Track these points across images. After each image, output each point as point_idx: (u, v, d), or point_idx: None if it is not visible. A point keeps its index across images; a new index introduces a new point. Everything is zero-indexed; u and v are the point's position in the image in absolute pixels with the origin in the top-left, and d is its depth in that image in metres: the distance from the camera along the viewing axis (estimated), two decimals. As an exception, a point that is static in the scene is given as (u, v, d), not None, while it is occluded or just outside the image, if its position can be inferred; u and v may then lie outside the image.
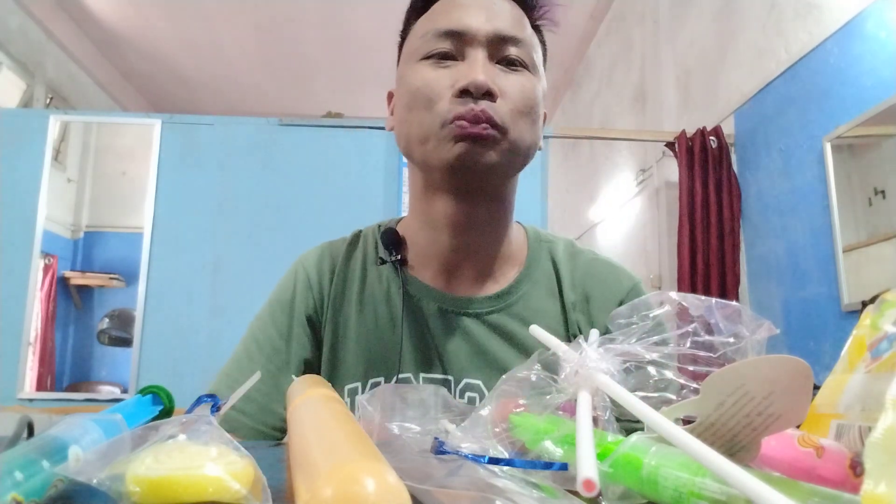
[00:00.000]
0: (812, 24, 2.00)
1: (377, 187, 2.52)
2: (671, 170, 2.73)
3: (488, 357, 0.63)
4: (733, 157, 2.46)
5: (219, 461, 0.23)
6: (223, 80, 4.95)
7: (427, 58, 0.61)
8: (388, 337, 0.63)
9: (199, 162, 2.60)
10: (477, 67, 0.58)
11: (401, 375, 0.62)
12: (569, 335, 0.65)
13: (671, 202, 2.77)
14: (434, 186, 0.64)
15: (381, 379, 0.61)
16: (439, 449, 0.27)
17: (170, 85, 5.02)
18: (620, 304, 0.66)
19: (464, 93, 0.57)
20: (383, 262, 0.67)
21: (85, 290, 2.88)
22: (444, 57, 0.60)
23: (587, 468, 0.18)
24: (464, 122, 0.57)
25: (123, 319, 2.70)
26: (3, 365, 2.37)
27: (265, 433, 0.62)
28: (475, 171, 0.59)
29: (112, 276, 2.83)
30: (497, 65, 0.60)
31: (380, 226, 0.72)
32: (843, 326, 1.83)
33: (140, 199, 2.59)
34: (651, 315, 0.29)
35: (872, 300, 0.32)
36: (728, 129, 2.47)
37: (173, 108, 5.26)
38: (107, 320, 2.79)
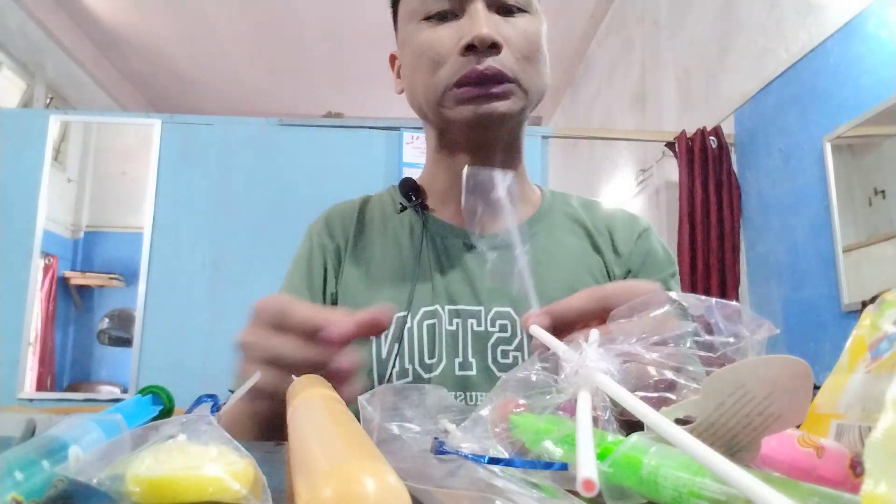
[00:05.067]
0: (812, 24, 2.00)
1: (377, 187, 2.51)
2: (671, 170, 2.73)
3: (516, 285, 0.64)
4: (733, 157, 2.46)
5: (219, 461, 0.23)
6: (223, 80, 4.95)
7: (427, 18, 0.61)
8: (411, 273, 0.64)
9: (199, 162, 2.61)
10: (479, 20, 0.58)
11: (427, 309, 0.62)
12: (602, 257, 0.68)
13: (671, 202, 2.77)
14: (451, 143, 0.66)
15: (406, 314, 0.61)
16: (439, 449, 0.27)
17: (170, 85, 5.02)
18: (638, 237, 0.70)
19: (469, 49, 0.58)
20: (404, 208, 0.69)
21: (85, 290, 2.88)
22: (443, 16, 0.61)
23: (587, 468, 0.18)
24: (470, 88, 0.58)
25: (123, 319, 2.71)
26: (3, 365, 2.37)
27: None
28: (491, 124, 0.60)
29: (112, 276, 2.83)
30: (497, 13, 0.61)
31: (393, 186, 0.75)
32: (843, 326, 1.83)
33: (140, 199, 2.59)
34: (651, 315, 0.29)
35: (872, 300, 0.32)
36: (728, 129, 2.47)
37: (173, 108, 5.26)
38: (107, 320, 2.79)
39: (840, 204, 1.86)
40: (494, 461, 0.24)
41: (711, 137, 2.44)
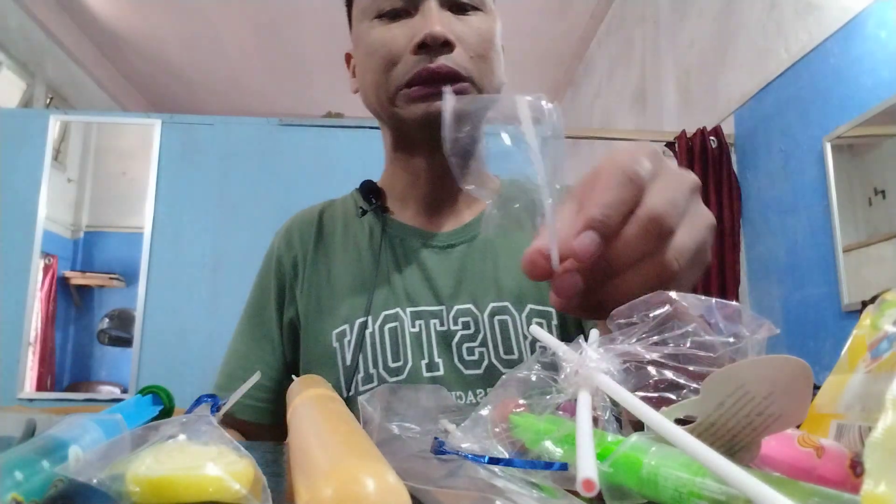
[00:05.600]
0: (812, 24, 2.00)
1: (377, 187, 2.52)
2: (671, 170, 2.72)
3: (476, 281, 0.64)
4: (733, 157, 2.46)
5: (219, 461, 0.23)
6: (223, 80, 4.95)
7: (380, 16, 0.61)
8: (371, 278, 0.63)
9: (199, 162, 2.61)
10: (432, 18, 0.57)
11: (388, 312, 0.62)
12: None
13: (671, 202, 2.77)
14: (408, 142, 0.65)
15: (368, 319, 0.61)
16: (439, 449, 0.27)
17: (170, 85, 5.02)
18: None
19: (421, 47, 0.57)
20: (364, 212, 0.68)
21: (85, 290, 2.88)
22: (396, 14, 0.60)
23: (587, 468, 0.18)
24: (421, 88, 0.58)
25: (123, 319, 2.70)
26: (3, 365, 2.37)
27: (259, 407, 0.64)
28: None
29: (112, 276, 2.82)
30: (450, 11, 0.60)
31: (356, 190, 0.75)
32: (843, 326, 1.83)
33: (140, 199, 2.59)
34: (651, 315, 0.29)
35: (872, 300, 0.32)
36: (728, 129, 2.47)
37: (173, 108, 5.27)
38: (107, 320, 2.79)
39: (840, 204, 1.86)
40: (494, 461, 0.24)
41: (711, 137, 2.44)
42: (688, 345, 0.26)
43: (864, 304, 1.69)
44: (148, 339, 2.47)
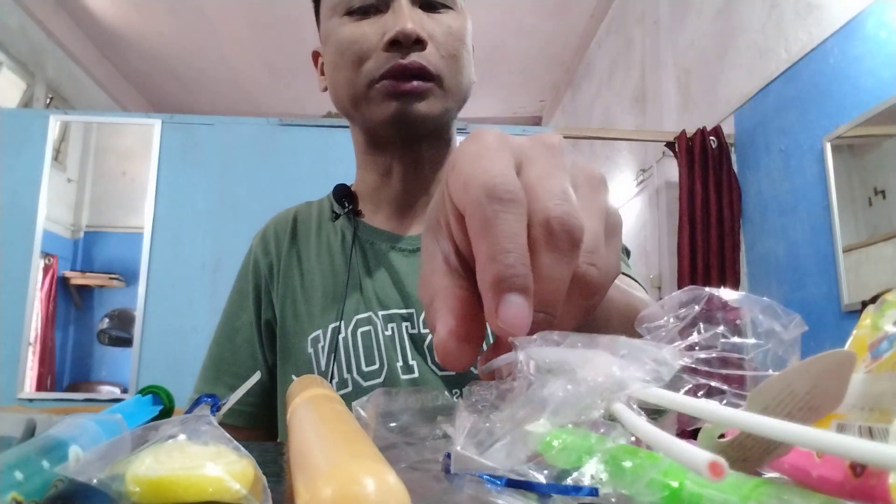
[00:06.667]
0: (812, 24, 2.00)
1: (377, 187, 2.51)
2: (671, 170, 2.73)
3: None
4: (733, 157, 2.47)
5: (219, 461, 0.23)
6: (223, 80, 4.95)
7: (350, 13, 0.60)
8: (342, 283, 0.63)
9: (199, 162, 2.61)
10: (403, 15, 0.57)
11: (360, 317, 0.61)
12: None
13: (671, 202, 2.77)
14: (378, 140, 0.65)
15: (340, 324, 0.61)
16: (448, 467, 0.25)
17: (170, 85, 5.02)
18: None
19: (393, 44, 0.57)
20: (337, 216, 0.68)
21: (85, 290, 2.88)
22: (366, 10, 0.60)
23: (700, 454, 0.16)
24: (392, 82, 0.57)
25: (123, 319, 2.70)
26: (3, 365, 2.37)
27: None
28: (414, 123, 0.59)
29: (112, 276, 2.83)
30: (420, 9, 0.60)
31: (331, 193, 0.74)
32: (843, 326, 1.83)
33: (140, 199, 2.59)
34: (680, 316, 0.27)
35: (872, 300, 0.32)
36: (728, 129, 2.48)
37: (173, 108, 5.27)
38: (107, 320, 2.79)
39: (840, 204, 1.86)
40: (514, 483, 0.23)
41: (711, 137, 2.44)
42: (718, 348, 0.25)
43: (864, 304, 1.69)
44: (148, 339, 2.47)
